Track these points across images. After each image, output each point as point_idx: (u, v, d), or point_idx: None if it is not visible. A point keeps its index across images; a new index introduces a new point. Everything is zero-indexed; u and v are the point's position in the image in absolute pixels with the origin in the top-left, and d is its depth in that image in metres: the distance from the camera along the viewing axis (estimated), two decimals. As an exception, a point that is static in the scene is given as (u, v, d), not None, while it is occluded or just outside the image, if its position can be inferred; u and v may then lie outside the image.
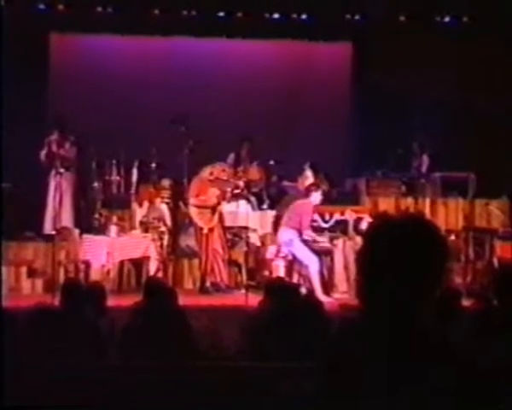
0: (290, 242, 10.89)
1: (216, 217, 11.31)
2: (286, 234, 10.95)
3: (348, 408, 2.18)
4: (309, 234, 10.98)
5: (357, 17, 14.12)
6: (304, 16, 14.04)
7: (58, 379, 4.76)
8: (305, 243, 10.92)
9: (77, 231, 11.75)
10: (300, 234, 10.92)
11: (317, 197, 11.04)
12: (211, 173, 11.39)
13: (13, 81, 10.72)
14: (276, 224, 11.59)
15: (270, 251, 11.28)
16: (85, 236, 11.46)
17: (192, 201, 11.36)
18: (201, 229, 11.26)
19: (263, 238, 11.97)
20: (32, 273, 11.31)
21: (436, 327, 2.29)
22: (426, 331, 2.21)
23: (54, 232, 11.21)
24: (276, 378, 4.79)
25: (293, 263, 11.05)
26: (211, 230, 11.26)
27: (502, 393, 2.33)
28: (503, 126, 13.31)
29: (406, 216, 2.37)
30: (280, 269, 10.97)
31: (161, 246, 11.44)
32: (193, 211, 11.37)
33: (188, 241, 11.96)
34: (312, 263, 10.76)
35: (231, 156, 12.86)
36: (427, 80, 13.49)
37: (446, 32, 13.83)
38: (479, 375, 2.20)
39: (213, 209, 11.31)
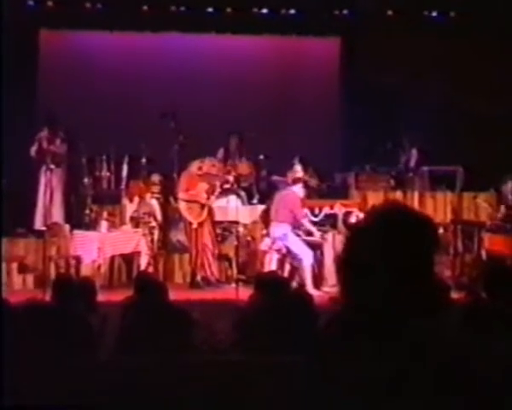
0: (285, 236, 10.94)
1: (205, 212, 11.34)
2: (279, 229, 10.98)
3: (338, 402, 2.19)
4: (307, 225, 11.06)
5: (345, 12, 14.16)
6: (292, 11, 14.07)
7: (49, 375, 4.79)
8: (299, 237, 10.98)
9: (67, 227, 11.77)
10: (294, 227, 10.98)
11: (299, 190, 11.11)
12: (199, 168, 11.41)
13: (3, 78, 10.74)
14: (266, 218, 11.64)
15: (265, 243, 11.31)
16: (76, 231, 11.47)
17: (181, 195, 11.38)
18: (191, 224, 11.28)
19: (253, 233, 12.01)
20: (22, 269, 11.32)
21: (425, 319, 2.29)
22: (415, 324, 2.21)
23: (44, 228, 11.23)
24: (266, 372, 4.82)
25: (286, 257, 11.10)
26: (200, 224, 11.28)
27: (494, 387, 2.36)
28: (491, 120, 13.38)
29: (390, 208, 2.34)
30: (273, 262, 11.02)
31: (152, 241, 11.46)
32: (182, 205, 11.39)
33: (178, 236, 11.99)
34: (306, 256, 10.82)
35: (220, 151, 12.90)
36: (416, 75, 13.54)
37: (434, 27, 13.88)
38: (469, 369, 2.22)
39: (202, 204, 11.34)
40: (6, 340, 4.84)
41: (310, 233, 11.18)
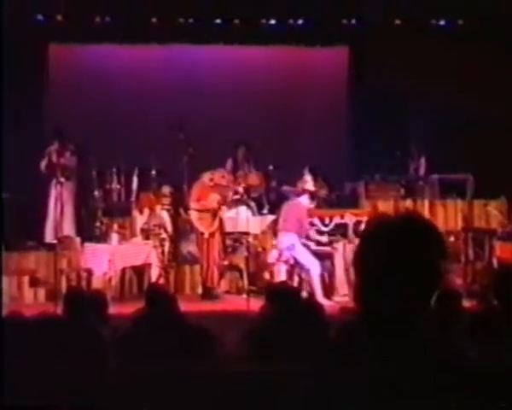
0: (292, 246, 10.94)
1: (217, 222, 11.35)
2: (287, 239, 10.99)
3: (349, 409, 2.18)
4: (313, 236, 11.07)
5: (353, 21, 14.17)
6: (300, 21, 14.09)
7: (61, 387, 4.79)
8: (307, 247, 10.98)
9: (78, 240, 11.79)
10: (301, 238, 10.98)
11: (305, 200, 11.12)
12: (211, 179, 11.43)
13: (12, 92, 10.79)
14: (276, 228, 11.64)
15: (273, 255, 11.32)
16: (87, 244, 11.50)
17: (193, 205, 11.39)
18: (202, 234, 11.30)
19: (263, 243, 12.01)
20: (34, 283, 11.35)
21: (436, 329, 2.29)
22: (426, 334, 2.21)
23: (55, 241, 11.25)
24: (278, 382, 4.82)
25: (294, 267, 11.10)
26: (211, 234, 11.30)
27: (503, 396, 2.35)
28: (501, 127, 13.35)
29: (401, 215, 2.34)
30: (281, 273, 11.02)
31: (162, 253, 11.48)
32: (194, 215, 11.40)
33: (189, 247, 12.01)
34: (314, 267, 10.82)
35: (229, 162, 12.92)
36: (424, 83, 13.53)
37: (442, 35, 13.88)
38: (480, 379, 2.21)
39: (214, 214, 11.35)
40: (6, 341, 4.84)
41: (319, 243, 11.17)
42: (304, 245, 10.97)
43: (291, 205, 11.26)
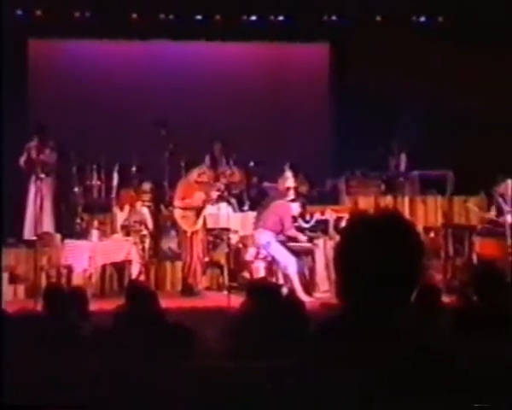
0: (268, 244, 10.94)
1: (200, 220, 11.33)
2: (263, 236, 11.00)
3: (329, 406, 2.20)
4: (293, 233, 11.07)
5: (334, 18, 14.20)
6: (281, 17, 14.10)
7: (40, 385, 4.78)
8: (283, 244, 10.96)
9: (58, 236, 11.75)
10: (277, 235, 10.97)
11: (296, 207, 11.16)
12: (199, 175, 11.41)
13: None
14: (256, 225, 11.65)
15: (250, 253, 11.32)
16: (67, 241, 11.46)
17: (177, 203, 11.37)
18: (185, 232, 11.28)
19: (244, 240, 12.00)
20: (13, 279, 11.29)
21: (416, 324, 2.31)
22: (406, 328, 2.23)
23: (35, 238, 11.20)
24: (259, 378, 4.82)
25: (272, 264, 11.11)
26: (195, 232, 11.28)
27: (480, 389, 2.37)
28: (481, 124, 13.42)
29: (382, 213, 2.36)
30: (260, 270, 11.02)
31: (143, 249, 11.46)
32: (177, 213, 11.38)
33: (170, 243, 11.99)
34: (290, 264, 10.81)
35: (207, 158, 12.86)
36: (405, 79, 13.57)
37: (423, 32, 13.93)
38: (459, 374, 2.23)
39: (198, 212, 11.33)
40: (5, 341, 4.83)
41: (298, 240, 11.18)
42: (280, 242, 10.95)
43: (279, 205, 11.21)
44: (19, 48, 13.42)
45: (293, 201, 11.27)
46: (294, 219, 11.22)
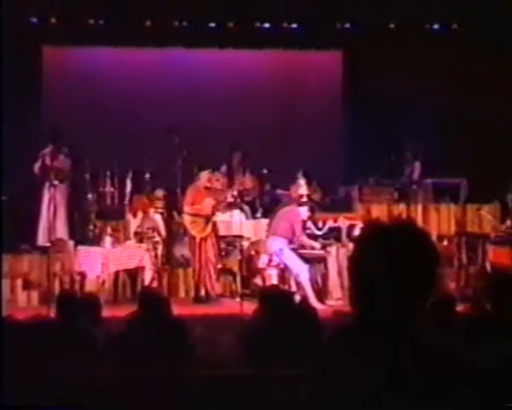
0: (280, 251, 10.92)
1: (209, 227, 11.32)
2: (276, 243, 10.98)
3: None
4: (305, 240, 11.05)
5: (347, 25, 14.19)
6: (294, 25, 14.11)
7: (54, 392, 4.79)
8: (295, 252, 10.95)
9: (71, 243, 11.77)
10: (290, 242, 10.96)
11: (304, 211, 11.14)
12: (209, 180, 11.41)
13: (6, 94, 10.78)
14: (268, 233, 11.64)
15: (263, 260, 11.31)
16: (80, 247, 11.48)
17: (186, 209, 11.37)
18: (194, 238, 11.28)
19: (257, 247, 12.00)
20: (27, 285, 11.32)
21: (430, 333, 2.30)
22: (420, 337, 2.22)
23: (48, 244, 11.23)
24: (271, 386, 4.82)
25: (285, 271, 11.10)
26: (204, 239, 11.27)
27: (498, 397, 2.36)
28: (494, 132, 13.39)
29: (397, 223, 2.36)
30: (273, 278, 11.01)
31: (156, 256, 11.46)
32: (186, 219, 11.38)
33: (182, 250, 11.99)
34: (302, 271, 10.79)
35: (224, 167, 12.90)
36: (418, 87, 13.56)
37: (436, 40, 13.92)
38: (474, 383, 2.22)
39: (207, 219, 11.33)
40: (6, 344, 4.84)
41: (311, 247, 11.17)
42: (293, 250, 10.93)
43: (287, 210, 11.23)
44: (33, 55, 13.48)
45: (300, 205, 11.24)
46: (304, 222, 11.20)
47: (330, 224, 11.64)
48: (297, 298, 9.71)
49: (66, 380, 4.82)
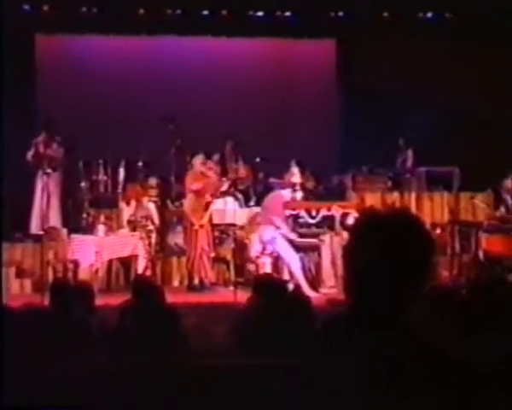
0: (273, 239, 10.92)
1: (207, 214, 11.32)
2: (267, 232, 10.97)
3: (336, 404, 2.19)
4: (283, 227, 10.98)
5: (340, 14, 14.18)
6: (288, 14, 14.09)
7: (47, 379, 4.78)
8: (288, 240, 10.94)
9: (65, 231, 11.77)
10: (279, 227, 10.93)
11: (287, 193, 11.11)
12: (203, 163, 11.40)
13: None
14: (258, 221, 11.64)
15: (255, 249, 11.31)
16: (73, 235, 11.47)
17: (189, 193, 11.28)
18: (192, 225, 11.24)
19: (250, 235, 12.00)
20: (20, 274, 11.31)
21: (424, 322, 2.30)
22: (415, 326, 2.23)
23: (42, 232, 11.22)
24: (265, 374, 4.82)
25: (278, 260, 11.10)
26: (201, 226, 11.27)
27: (489, 388, 2.36)
28: (487, 120, 13.40)
29: (392, 211, 2.37)
30: (266, 266, 11.01)
31: (149, 244, 11.45)
32: (187, 205, 11.32)
33: (176, 239, 11.99)
34: (293, 260, 10.80)
35: (216, 155, 12.87)
36: (411, 76, 13.56)
37: (429, 28, 13.92)
38: (468, 372, 2.22)
39: (207, 206, 11.32)
40: (6, 341, 4.83)
41: (302, 235, 11.15)
42: (285, 238, 10.91)
43: (270, 198, 11.24)
44: (26, 43, 13.44)
45: (283, 188, 11.23)
46: (286, 205, 11.15)
47: (324, 212, 11.64)
48: (291, 286, 9.71)
49: (62, 373, 4.82)
